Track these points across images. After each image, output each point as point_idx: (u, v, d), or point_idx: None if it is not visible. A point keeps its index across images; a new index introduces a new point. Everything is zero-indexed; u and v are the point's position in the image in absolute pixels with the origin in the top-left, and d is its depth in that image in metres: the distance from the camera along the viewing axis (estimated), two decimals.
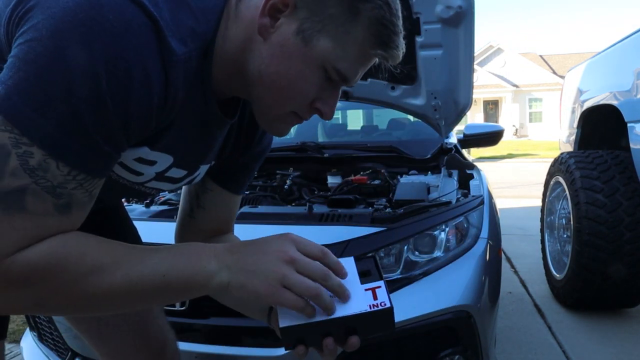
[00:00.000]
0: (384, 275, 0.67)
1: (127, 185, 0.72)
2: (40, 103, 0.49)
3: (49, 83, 0.49)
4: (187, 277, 0.60)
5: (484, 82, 24.86)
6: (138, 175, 0.69)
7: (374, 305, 0.61)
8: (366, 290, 0.64)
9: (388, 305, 0.61)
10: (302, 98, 0.66)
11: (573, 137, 3.22)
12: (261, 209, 1.77)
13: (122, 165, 0.66)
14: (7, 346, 2.34)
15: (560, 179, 2.73)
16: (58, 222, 0.54)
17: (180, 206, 0.94)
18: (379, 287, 0.63)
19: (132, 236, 1.07)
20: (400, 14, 0.66)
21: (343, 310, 0.61)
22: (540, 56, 29.59)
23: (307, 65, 0.63)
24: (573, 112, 3.25)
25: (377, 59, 0.67)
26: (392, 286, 1.35)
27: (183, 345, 1.27)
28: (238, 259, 0.63)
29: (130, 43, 0.52)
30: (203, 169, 0.80)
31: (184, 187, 0.93)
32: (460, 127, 3.58)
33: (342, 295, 0.63)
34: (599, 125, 2.95)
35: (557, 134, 3.91)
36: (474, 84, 2.06)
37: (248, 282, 0.61)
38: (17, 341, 2.24)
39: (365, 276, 0.67)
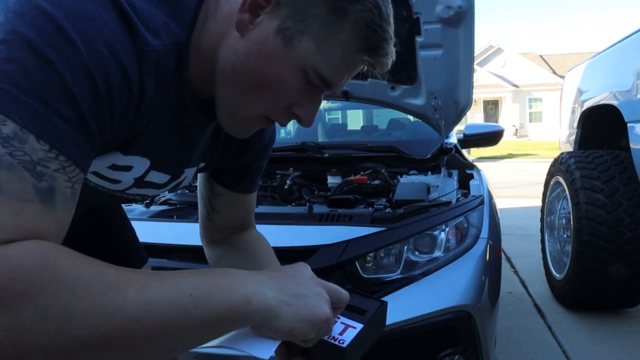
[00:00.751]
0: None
1: (109, 194, 0.69)
2: (19, 81, 0.43)
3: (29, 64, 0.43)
4: (221, 297, 0.49)
5: (484, 82, 24.86)
6: (115, 184, 0.66)
7: (333, 338, 0.58)
8: (341, 323, 0.61)
9: (343, 345, 0.57)
10: (277, 101, 0.62)
11: (573, 137, 3.22)
12: (261, 209, 1.77)
13: (97, 175, 0.63)
14: None
15: (560, 179, 2.73)
16: (40, 214, 0.43)
17: (198, 209, 0.94)
18: (354, 328, 0.60)
19: (131, 237, 1.06)
20: (391, 20, 0.62)
21: None
22: (540, 56, 29.59)
23: (286, 66, 0.59)
24: (573, 112, 3.25)
25: (364, 66, 0.63)
26: (392, 286, 1.35)
27: None
28: (281, 282, 0.57)
29: (100, 30, 0.48)
30: (189, 172, 0.78)
31: (198, 191, 0.92)
32: (460, 127, 3.58)
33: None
34: (599, 125, 2.95)
35: (557, 134, 3.91)
36: (474, 84, 2.06)
37: (301, 307, 0.55)
38: None
39: (357, 312, 0.63)
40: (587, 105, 2.93)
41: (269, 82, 0.60)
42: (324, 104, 3.55)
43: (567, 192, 2.60)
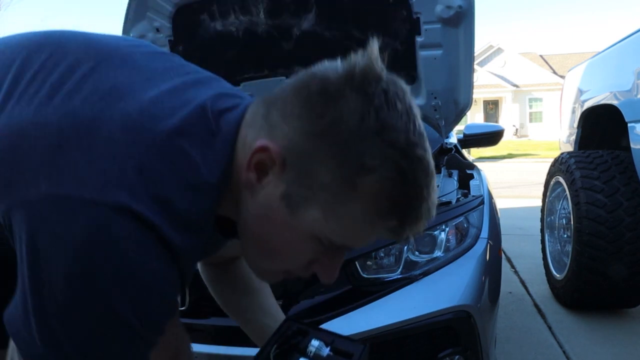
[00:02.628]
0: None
1: None
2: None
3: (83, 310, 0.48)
4: None
5: (484, 82, 24.85)
6: None
7: None
8: None
9: None
10: (292, 263, 0.59)
11: (573, 137, 3.21)
12: None
13: None
14: None
15: (561, 179, 2.73)
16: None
17: None
18: None
19: None
20: (428, 179, 0.53)
21: None
22: (541, 56, 29.58)
23: (294, 234, 0.55)
24: (573, 112, 3.25)
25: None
26: (392, 286, 1.35)
27: None
28: None
29: (133, 260, 0.49)
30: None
31: None
32: (460, 127, 3.58)
33: None
34: (599, 125, 2.95)
35: (557, 134, 3.91)
36: (474, 84, 2.06)
37: None
38: None
39: (344, 357, 0.66)
40: (587, 105, 2.93)
41: (279, 248, 0.57)
42: None
43: (567, 192, 2.60)
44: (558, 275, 2.70)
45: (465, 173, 2.12)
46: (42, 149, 0.50)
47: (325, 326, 1.17)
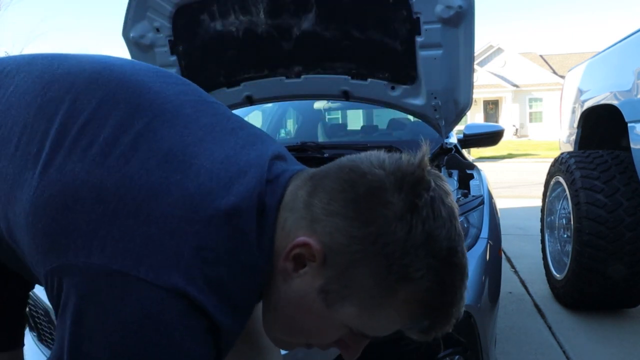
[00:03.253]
0: None
1: None
2: None
3: None
4: None
5: (484, 82, 24.84)
6: None
7: None
8: None
9: None
10: (316, 342, 0.61)
11: (573, 137, 3.21)
12: None
13: None
14: None
15: (561, 179, 2.73)
16: None
17: None
18: None
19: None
20: (464, 276, 0.56)
21: None
22: (541, 56, 29.58)
23: (326, 323, 0.56)
24: (573, 112, 3.25)
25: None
26: None
27: None
28: None
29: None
30: None
31: None
32: (460, 127, 3.57)
33: None
34: (599, 125, 2.95)
35: (557, 134, 3.91)
36: (474, 84, 2.06)
37: None
38: None
39: None
40: (587, 105, 2.93)
41: (307, 331, 0.59)
42: (324, 104, 3.55)
43: (567, 192, 2.60)
44: (558, 275, 2.70)
45: (465, 173, 2.12)
46: (96, 215, 0.49)
47: None
